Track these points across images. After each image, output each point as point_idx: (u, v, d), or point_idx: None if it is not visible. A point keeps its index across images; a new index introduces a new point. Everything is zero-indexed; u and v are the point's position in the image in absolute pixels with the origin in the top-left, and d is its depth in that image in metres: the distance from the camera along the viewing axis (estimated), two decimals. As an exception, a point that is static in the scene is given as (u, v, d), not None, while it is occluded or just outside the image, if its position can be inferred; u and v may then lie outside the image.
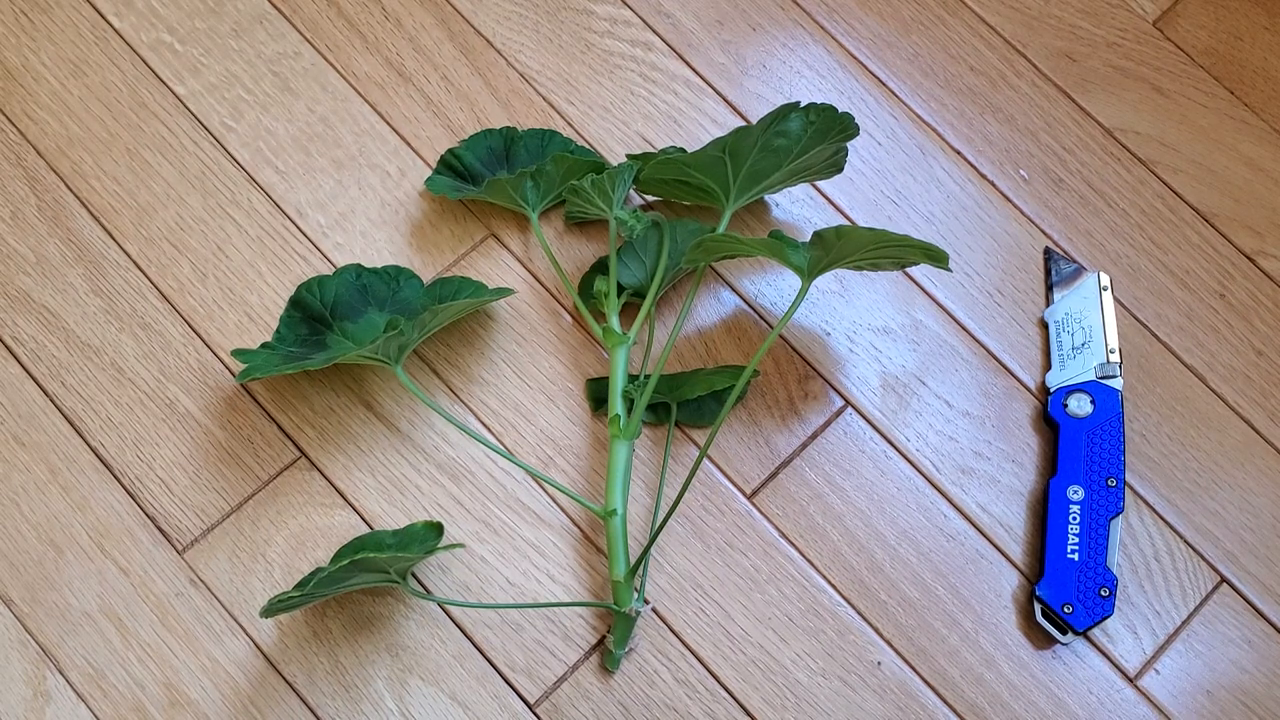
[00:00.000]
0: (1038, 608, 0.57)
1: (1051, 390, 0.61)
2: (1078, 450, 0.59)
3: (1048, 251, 0.64)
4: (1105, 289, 0.63)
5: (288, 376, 0.61)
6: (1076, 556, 0.57)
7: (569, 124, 0.67)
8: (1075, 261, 0.64)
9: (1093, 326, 0.62)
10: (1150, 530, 0.60)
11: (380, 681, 0.56)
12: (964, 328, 0.64)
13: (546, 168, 0.60)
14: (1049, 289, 0.63)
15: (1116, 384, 0.60)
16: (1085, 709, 0.57)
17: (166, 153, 0.65)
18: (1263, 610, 0.59)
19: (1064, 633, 0.57)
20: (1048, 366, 0.62)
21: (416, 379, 0.61)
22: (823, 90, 0.69)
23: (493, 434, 0.61)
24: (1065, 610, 0.56)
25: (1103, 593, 0.56)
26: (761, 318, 0.63)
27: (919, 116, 0.68)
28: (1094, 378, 0.60)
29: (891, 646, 0.58)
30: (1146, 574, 0.59)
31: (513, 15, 0.69)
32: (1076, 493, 0.58)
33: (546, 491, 0.60)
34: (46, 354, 0.61)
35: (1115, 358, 0.61)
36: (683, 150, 0.63)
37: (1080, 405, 0.59)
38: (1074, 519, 0.58)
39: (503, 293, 0.60)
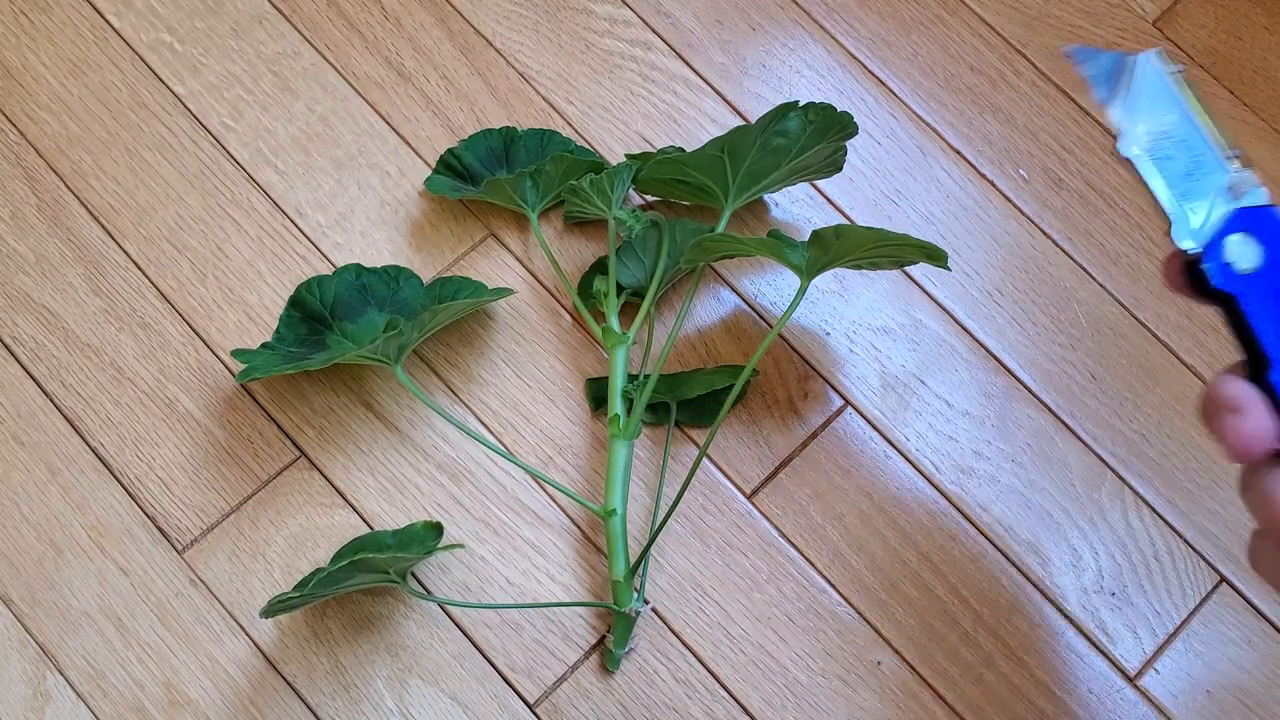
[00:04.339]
0: None
1: (1197, 252, 0.39)
2: (1277, 314, 0.38)
3: (1069, 54, 0.43)
4: (1173, 73, 0.41)
5: (288, 376, 0.61)
6: None
7: (569, 124, 0.67)
8: (1105, 50, 0.42)
9: (1189, 136, 0.41)
10: (1150, 530, 0.60)
11: (380, 681, 0.56)
12: (964, 328, 0.64)
13: (546, 167, 0.60)
14: (1102, 103, 0.42)
15: (1261, 195, 0.40)
16: (1085, 709, 0.57)
17: (166, 152, 0.65)
18: (1263, 610, 0.59)
19: None
20: (1165, 223, 0.41)
21: (416, 379, 0.61)
22: (822, 90, 0.69)
23: (493, 434, 0.61)
24: None
25: None
26: (761, 317, 0.63)
27: (919, 116, 0.68)
28: (1238, 204, 0.40)
29: (891, 646, 0.58)
30: (1146, 574, 0.59)
31: (513, 15, 0.69)
32: None
33: (546, 491, 0.60)
34: (46, 354, 0.61)
35: (1241, 160, 0.40)
36: (682, 150, 0.63)
37: (1247, 251, 0.39)
38: None
39: (503, 293, 0.60)
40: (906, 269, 0.64)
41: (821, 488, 0.60)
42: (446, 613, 0.58)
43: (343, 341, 0.59)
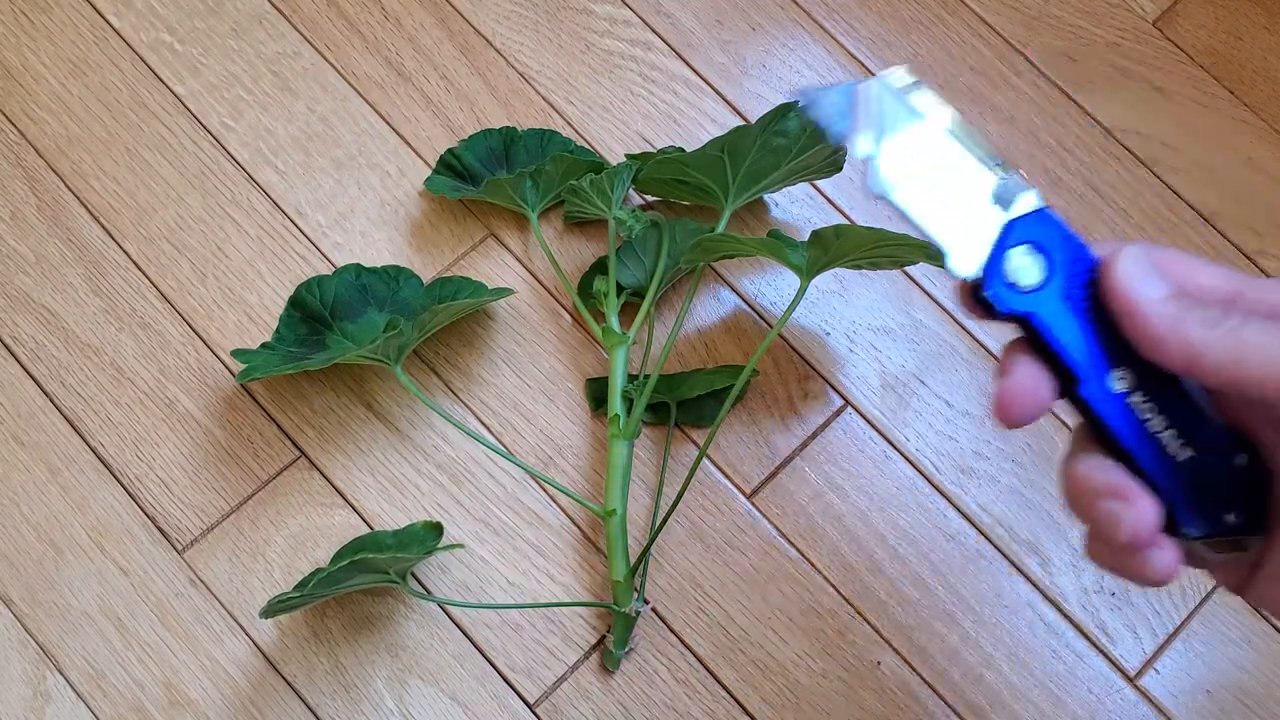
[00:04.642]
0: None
1: (980, 279, 0.34)
2: (1077, 326, 0.34)
3: (798, 99, 0.36)
4: (911, 90, 0.35)
5: (288, 376, 0.61)
6: (1189, 452, 0.34)
7: (569, 124, 0.67)
8: (833, 85, 0.36)
9: (942, 153, 0.35)
10: (1150, 530, 0.60)
11: (380, 681, 0.56)
12: (964, 327, 0.64)
13: (546, 168, 0.60)
14: (842, 140, 0.36)
15: (1031, 198, 0.34)
16: (1085, 709, 0.57)
17: (166, 152, 0.65)
18: (1262, 610, 0.59)
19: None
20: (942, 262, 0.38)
21: (416, 379, 0.61)
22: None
23: (492, 434, 0.61)
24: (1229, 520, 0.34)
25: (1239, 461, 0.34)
26: (761, 317, 0.63)
27: (919, 116, 0.68)
28: (1009, 215, 0.34)
29: (891, 646, 0.58)
30: (1146, 574, 0.59)
31: (513, 15, 0.69)
32: (1123, 379, 0.34)
33: (546, 491, 0.60)
34: (46, 354, 0.61)
35: (1002, 165, 0.35)
36: (682, 150, 0.63)
37: (1030, 265, 0.34)
38: (1148, 410, 0.34)
39: (502, 293, 0.60)
40: (906, 269, 0.64)
41: (821, 488, 0.60)
42: (446, 613, 0.58)
43: (343, 341, 0.59)
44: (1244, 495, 0.33)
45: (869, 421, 0.61)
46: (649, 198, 0.65)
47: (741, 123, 0.67)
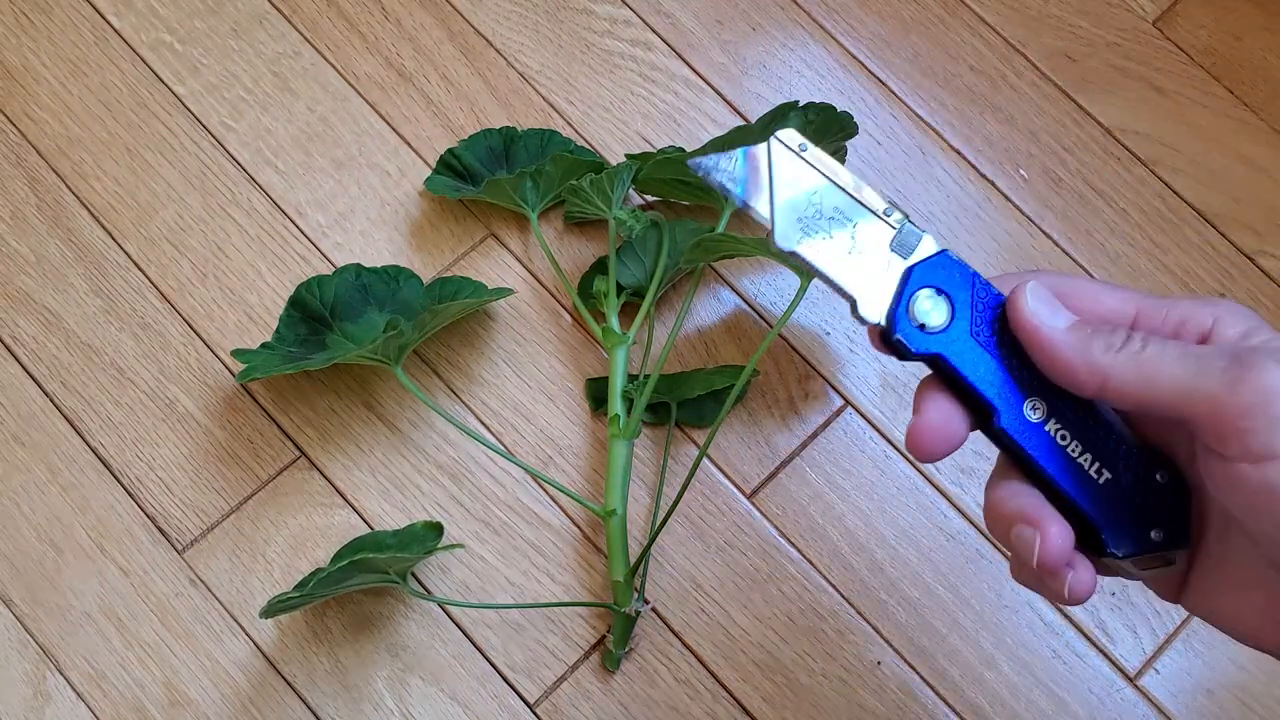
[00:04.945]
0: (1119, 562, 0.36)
1: (890, 323, 0.36)
2: (987, 361, 0.36)
3: (693, 167, 0.39)
4: (802, 149, 0.37)
5: (288, 376, 0.61)
6: (1109, 474, 0.35)
7: (569, 124, 0.67)
8: (726, 152, 0.38)
9: (839, 207, 0.37)
10: (1150, 530, 0.60)
11: (380, 681, 0.56)
12: (964, 327, 0.64)
13: (546, 168, 0.60)
14: (745, 205, 0.38)
15: (929, 243, 0.37)
16: (1085, 709, 0.57)
17: (166, 153, 0.65)
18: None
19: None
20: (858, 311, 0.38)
21: (416, 379, 0.61)
22: (822, 90, 0.69)
23: (493, 434, 0.61)
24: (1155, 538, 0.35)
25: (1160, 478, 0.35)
26: (761, 317, 0.63)
27: (919, 116, 0.68)
28: (910, 260, 0.37)
29: (891, 646, 0.58)
30: (1146, 574, 0.59)
31: (513, 15, 0.69)
32: (1037, 409, 0.36)
33: (546, 491, 0.60)
34: (46, 354, 0.61)
35: (898, 214, 0.37)
36: (682, 150, 0.63)
37: (935, 307, 0.36)
38: (1064, 437, 0.36)
39: (503, 293, 0.60)
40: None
41: (821, 487, 0.60)
42: (446, 613, 0.58)
43: (343, 341, 0.59)
44: (1166, 511, 0.34)
45: (869, 421, 0.61)
46: (649, 198, 0.65)
47: (741, 123, 0.67)
